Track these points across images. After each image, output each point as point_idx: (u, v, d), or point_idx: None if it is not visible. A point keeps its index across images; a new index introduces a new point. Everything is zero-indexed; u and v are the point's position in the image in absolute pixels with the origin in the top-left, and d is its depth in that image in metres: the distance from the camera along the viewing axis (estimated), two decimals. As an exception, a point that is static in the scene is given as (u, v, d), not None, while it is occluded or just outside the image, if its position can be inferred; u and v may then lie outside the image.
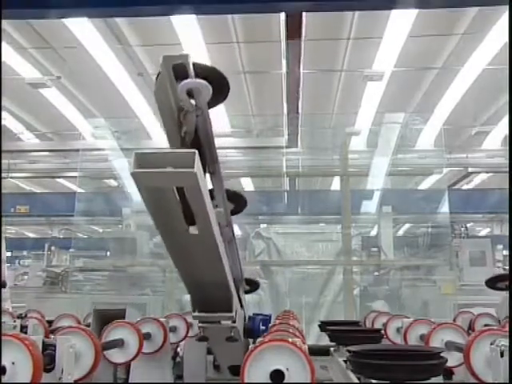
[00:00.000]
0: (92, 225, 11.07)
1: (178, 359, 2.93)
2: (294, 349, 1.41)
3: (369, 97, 8.23)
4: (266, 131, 9.19)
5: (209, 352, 2.94)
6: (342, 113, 8.80)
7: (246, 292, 2.79)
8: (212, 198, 1.99)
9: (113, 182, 10.16)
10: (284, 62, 6.14)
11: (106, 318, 2.64)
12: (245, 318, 2.48)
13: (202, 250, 1.69)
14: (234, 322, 2.05)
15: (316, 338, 5.28)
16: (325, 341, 3.41)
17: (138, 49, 7.09)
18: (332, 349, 3.15)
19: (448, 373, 2.46)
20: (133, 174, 1.35)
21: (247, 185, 10.88)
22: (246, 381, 1.41)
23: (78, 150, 8.61)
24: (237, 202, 2.28)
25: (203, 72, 1.67)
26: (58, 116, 8.85)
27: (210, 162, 1.97)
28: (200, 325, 2.12)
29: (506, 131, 8.93)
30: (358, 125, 8.83)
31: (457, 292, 6.78)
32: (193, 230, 1.56)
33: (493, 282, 3.04)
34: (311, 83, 7.42)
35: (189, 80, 1.57)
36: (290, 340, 1.45)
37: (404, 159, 8.82)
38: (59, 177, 11.42)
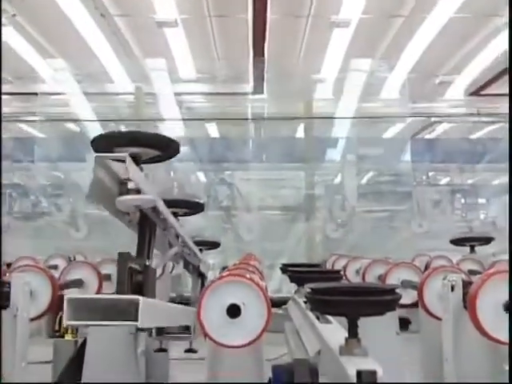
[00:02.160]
0: (54, 171, 10.85)
1: None
2: (250, 284, 1.42)
3: (335, 44, 8.15)
4: (232, 79, 9.07)
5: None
6: (308, 60, 8.71)
7: (208, 249, 2.82)
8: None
9: (75, 127, 9.95)
10: (250, 4, 6.03)
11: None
12: (204, 282, 2.50)
13: None
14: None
15: (278, 283, 5.39)
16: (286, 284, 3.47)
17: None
18: (293, 291, 3.21)
19: (404, 323, 2.55)
20: (68, 325, 1.24)
21: (212, 131, 10.77)
22: (202, 316, 1.42)
23: (36, 94, 8.36)
24: (195, 208, 2.50)
25: (149, 141, 1.61)
26: (15, 57, 8.53)
27: (161, 225, 1.90)
28: (157, 337, 2.12)
29: (469, 80, 9.01)
30: (324, 72, 8.77)
31: (416, 237, 6.95)
32: None
33: (456, 241, 3.25)
34: (277, 29, 7.30)
35: (131, 197, 1.49)
36: (248, 276, 1.46)
37: (369, 108, 8.85)
38: (18, 121, 11.10)
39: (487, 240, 3.51)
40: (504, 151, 9.67)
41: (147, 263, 1.59)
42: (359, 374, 1.38)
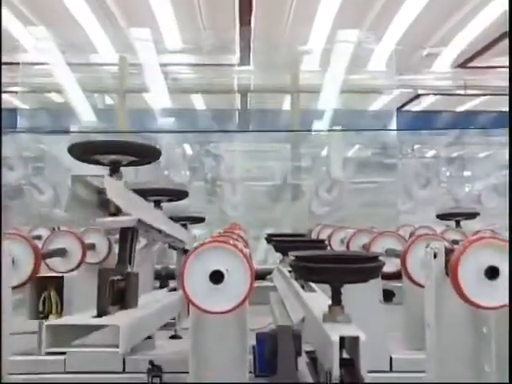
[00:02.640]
0: (38, 143, 10.72)
1: None
2: (233, 250, 1.42)
3: (322, 14, 8.07)
4: (218, 49, 8.97)
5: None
6: (295, 30, 8.64)
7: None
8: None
9: (59, 99, 9.81)
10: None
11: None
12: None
13: None
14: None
15: (264, 254, 5.41)
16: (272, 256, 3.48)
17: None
18: (278, 261, 3.23)
19: (388, 295, 2.59)
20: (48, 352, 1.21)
21: (198, 103, 10.70)
22: (186, 283, 1.42)
23: (18, 64, 8.21)
24: (179, 195, 2.63)
25: (129, 149, 1.61)
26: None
27: (143, 228, 1.88)
28: None
29: (457, 53, 9.00)
30: (311, 43, 8.70)
31: (402, 209, 6.99)
32: None
33: (443, 216, 3.35)
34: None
35: (111, 219, 1.48)
36: (231, 242, 1.46)
37: (356, 80, 8.80)
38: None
39: (473, 215, 3.59)
40: (490, 123, 9.72)
41: (129, 270, 1.58)
42: (342, 339, 1.40)
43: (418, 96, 10.40)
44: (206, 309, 1.42)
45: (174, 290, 2.39)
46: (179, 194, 2.61)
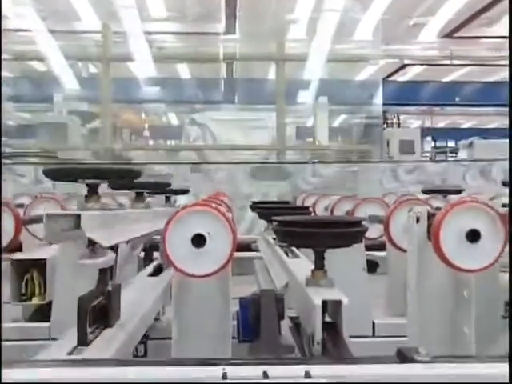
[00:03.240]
0: (20, 112, 10.57)
1: None
2: (215, 213, 1.41)
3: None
4: (203, 17, 8.84)
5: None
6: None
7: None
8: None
9: (42, 67, 9.65)
10: None
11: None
12: None
13: None
14: None
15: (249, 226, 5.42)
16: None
17: None
18: (263, 229, 3.23)
19: (372, 266, 2.60)
20: None
21: (184, 72, 10.58)
22: (167, 247, 1.41)
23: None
24: (162, 188, 2.73)
25: (108, 174, 1.59)
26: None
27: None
28: None
29: (443, 23, 8.95)
30: (298, 11, 8.61)
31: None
32: None
33: (428, 192, 3.42)
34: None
35: (91, 261, 1.43)
36: (213, 205, 1.45)
37: (342, 49, 8.75)
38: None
39: (458, 191, 3.66)
40: (476, 94, 9.73)
41: (110, 289, 1.56)
42: (325, 303, 1.40)
43: (404, 66, 10.38)
44: (188, 272, 1.41)
45: (159, 269, 2.35)
46: (162, 187, 2.65)
